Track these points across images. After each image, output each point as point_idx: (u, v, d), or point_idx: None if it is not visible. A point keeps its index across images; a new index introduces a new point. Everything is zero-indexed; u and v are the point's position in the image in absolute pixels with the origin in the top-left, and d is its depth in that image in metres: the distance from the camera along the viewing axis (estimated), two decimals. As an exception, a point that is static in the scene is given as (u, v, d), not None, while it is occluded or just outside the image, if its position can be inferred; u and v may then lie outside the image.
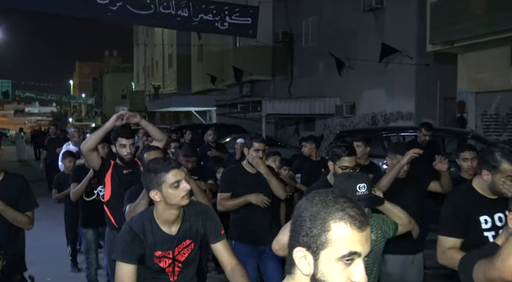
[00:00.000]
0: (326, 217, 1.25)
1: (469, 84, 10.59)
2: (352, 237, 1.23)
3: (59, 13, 9.66)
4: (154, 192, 2.33)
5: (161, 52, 33.76)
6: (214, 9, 10.43)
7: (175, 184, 2.30)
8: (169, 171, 2.31)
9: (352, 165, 3.31)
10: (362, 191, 2.47)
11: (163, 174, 2.31)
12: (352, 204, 1.27)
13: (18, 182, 3.36)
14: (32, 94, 54.16)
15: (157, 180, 2.31)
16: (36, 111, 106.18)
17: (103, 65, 65.59)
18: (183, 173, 2.37)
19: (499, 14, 8.61)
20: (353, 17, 14.17)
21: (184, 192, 2.32)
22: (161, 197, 2.32)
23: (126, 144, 3.84)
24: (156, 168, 2.33)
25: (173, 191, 2.31)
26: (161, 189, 2.31)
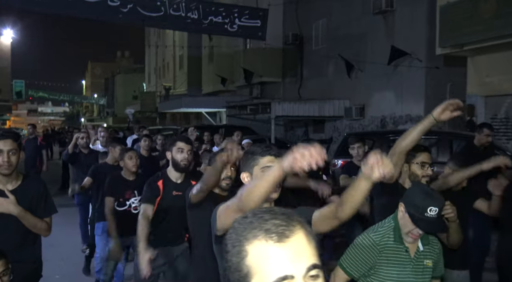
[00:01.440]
0: (241, 240, 1.02)
1: (479, 88, 10.54)
2: (274, 256, 0.97)
3: (70, 14, 9.81)
4: (246, 174, 2.25)
5: (172, 54, 33.97)
6: (224, 12, 10.53)
7: (266, 168, 2.15)
8: (265, 156, 2.22)
9: (429, 161, 3.20)
10: (431, 214, 2.39)
11: (258, 157, 2.22)
12: (270, 215, 1.02)
13: (37, 187, 3.16)
14: (45, 95, 54.77)
15: (250, 162, 2.24)
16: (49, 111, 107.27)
17: (115, 66, 66.13)
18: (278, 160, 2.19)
19: (508, 18, 8.58)
20: (363, 19, 14.17)
21: None
22: (249, 180, 2.22)
23: (184, 148, 3.62)
24: (253, 150, 2.28)
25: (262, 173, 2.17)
26: (252, 171, 2.22)
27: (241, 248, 1.00)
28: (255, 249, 0.99)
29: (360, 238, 2.52)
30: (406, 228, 2.46)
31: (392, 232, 2.51)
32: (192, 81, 29.03)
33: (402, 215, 2.49)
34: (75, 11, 9.30)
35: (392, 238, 2.49)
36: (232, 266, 1.02)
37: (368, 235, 2.51)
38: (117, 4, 9.50)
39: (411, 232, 2.45)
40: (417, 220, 2.40)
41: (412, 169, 3.18)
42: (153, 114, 36.58)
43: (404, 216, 2.47)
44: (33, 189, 3.11)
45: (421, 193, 2.50)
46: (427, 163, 3.19)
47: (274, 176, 1.83)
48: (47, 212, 3.16)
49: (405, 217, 2.46)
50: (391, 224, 2.54)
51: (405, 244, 2.49)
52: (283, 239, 0.98)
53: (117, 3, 9.53)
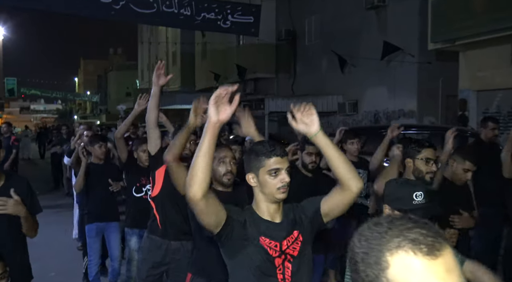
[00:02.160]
0: (380, 249, 0.89)
1: (471, 82, 10.61)
2: (425, 271, 0.85)
3: (62, 12, 9.76)
4: (251, 175, 2.15)
5: (165, 50, 33.85)
6: (217, 8, 10.49)
7: (273, 171, 2.09)
8: (271, 157, 2.10)
9: (434, 157, 3.14)
10: (418, 200, 2.29)
11: (263, 159, 2.10)
12: (412, 224, 0.90)
13: (22, 186, 3.03)
14: (37, 92, 54.43)
15: (256, 163, 2.12)
16: (41, 109, 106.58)
17: (108, 63, 65.80)
18: (287, 163, 2.15)
19: (500, 12, 8.63)
20: (356, 15, 14.20)
21: (281, 183, 2.10)
22: (256, 182, 2.14)
23: None
24: (258, 150, 2.14)
25: (270, 179, 2.10)
26: (258, 174, 2.12)
27: (380, 258, 0.88)
28: (399, 261, 0.86)
29: None
30: None
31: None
32: (185, 78, 28.98)
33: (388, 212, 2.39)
34: (67, 8, 9.23)
35: None
36: (367, 278, 0.89)
37: None
38: (109, 1, 9.45)
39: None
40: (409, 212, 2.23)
41: (417, 165, 3.14)
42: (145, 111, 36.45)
43: None
44: (18, 188, 2.96)
45: (398, 184, 2.43)
46: (432, 159, 3.13)
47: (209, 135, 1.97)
48: (33, 212, 3.08)
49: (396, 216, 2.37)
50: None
51: None
52: (434, 252, 0.85)
53: (109, 0, 9.47)
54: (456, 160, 3.53)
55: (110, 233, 5.04)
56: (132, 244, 4.69)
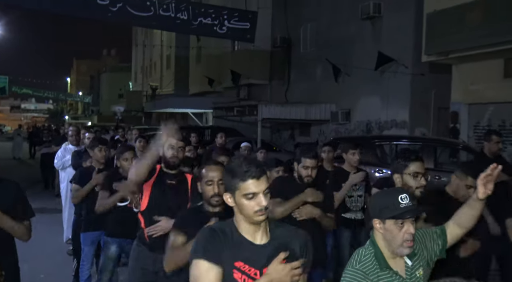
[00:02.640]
0: None
1: (463, 95, 10.72)
2: None
3: (58, 12, 9.75)
4: (227, 196, 2.06)
5: (159, 53, 33.86)
6: (213, 13, 10.55)
7: (249, 195, 1.98)
8: (246, 180, 1.98)
9: (422, 171, 2.99)
10: (406, 202, 2.20)
11: (238, 181, 2.00)
12: None
13: (12, 190, 3.03)
14: (29, 91, 54.02)
15: (231, 184, 2.03)
16: (32, 108, 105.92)
17: (101, 64, 65.61)
18: (265, 184, 2.01)
19: (494, 27, 8.75)
20: (351, 24, 14.31)
21: (258, 207, 1.98)
22: (233, 203, 2.05)
23: (174, 145, 3.52)
24: (233, 171, 2.03)
25: (246, 201, 2.00)
26: (234, 195, 2.03)
27: None
28: None
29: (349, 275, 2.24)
30: (396, 239, 2.21)
31: (376, 260, 2.25)
32: (179, 82, 28.98)
33: (383, 230, 2.25)
34: (63, 9, 9.23)
35: (379, 267, 2.23)
36: None
37: (355, 268, 2.25)
38: (106, 3, 9.46)
39: (405, 238, 2.19)
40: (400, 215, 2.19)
41: (405, 180, 3.00)
42: (138, 113, 36.39)
43: (386, 227, 2.24)
44: (9, 192, 2.98)
45: (380, 195, 2.39)
46: (420, 173, 2.98)
47: None
48: (25, 215, 3.05)
49: (387, 228, 2.23)
50: (371, 251, 2.28)
51: (392, 268, 2.25)
52: None
53: (106, 2, 9.48)
54: (458, 176, 3.29)
55: None
56: (110, 253, 4.40)
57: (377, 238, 2.28)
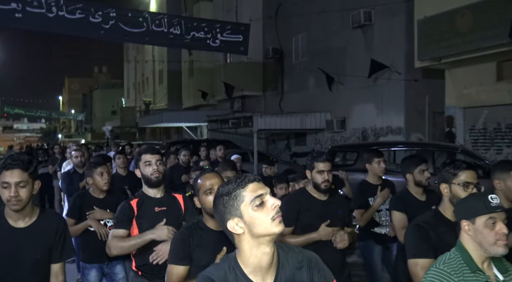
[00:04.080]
0: None
1: (457, 99, 10.79)
2: None
3: (51, 31, 9.74)
4: (234, 222, 1.69)
5: (151, 68, 33.93)
6: (206, 27, 10.59)
7: (257, 200, 1.67)
8: (245, 186, 1.69)
9: (474, 181, 2.70)
10: (496, 202, 2.09)
11: (238, 193, 1.69)
12: None
13: (56, 223, 2.63)
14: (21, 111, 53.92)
15: (232, 203, 1.69)
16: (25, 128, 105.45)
17: (93, 81, 65.64)
18: (265, 186, 1.73)
19: (484, 31, 8.85)
20: (342, 33, 14.41)
21: (273, 211, 1.67)
22: (243, 226, 1.68)
23: (151, 160, 3.22)
24: (227, 189, 1.71)
25: (258, 212, 1.67)
26: (240, 214, 1.68)
27: None
28: None
29: (431, 274, 2.14)
30: (487, 239, 2.09)
31: (465, 264, 2.13)
32: (172, 96, 29.00)
33: (472, 231, 2.12)
34: (57, 28, 9.24)
35: (468, 270, 2.12)
36: None
37: (438, 268, 2.15)
38: (99, 20, 9.48)
39: (497, 236, 2.07)
40: (493, 209, 2.09)
41: (454, 191, 2.68)
42: (132, 129, 36.34)
43: (476, 228, 2.11)
44: (51, 225, 2.60)
45: (469, 198, 2.22)
46: (472, 183, 2.67)
47: None
48: (64, 255, 2.66)
49: (478, 228, 2.11)
50: (458, 257, 2.16)
51: (485, 272, 2.12)
52: None
53: (99, 19, 9.51)
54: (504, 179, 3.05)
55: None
56: (92, 278, 4.15)
57: (465, 242, 2.15)
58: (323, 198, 3.42)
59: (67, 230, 2.67)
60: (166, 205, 3.22)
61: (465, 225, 2.14)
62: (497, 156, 10.17)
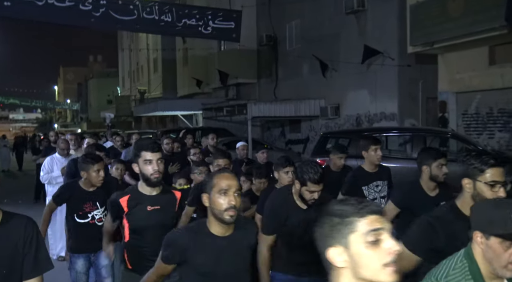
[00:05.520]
0: None
1: (450, 85, 10.80)
2: None
3: (42, 20, 9.67)
4: (336, 251, 1.42)
5: (146, 57, 33.75)
6: (197, 14, 10.53)
7: (372, 235, 1.38)
8: (364, 216, 1.41)
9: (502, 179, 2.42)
10: None
11: (353, 220, 1.41)
12: None
13: (24, 229, 2.05)
14: (16, 101, 53.72)
15: (341, 229, 1.42)
16: (20, 118, 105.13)
17: (88, 71, 65.27)
18: (387, 222, 1.44)
19: (476, 15, 8.82)
20: (335, 19, 14.34)
21: (388, 256, 1.38)
22: (347, 260, 1.41)
23: (152, 159, 3.05)
24: (342, 211, 1.44)
25: (369, 250, 1.38)
26: (347, 244, 1.41)
27: None
28: None
29: None
30: (499, 260, 1.85)
31: (470, 276, 1.90)
32: (167, 84, 28.90)
33: (484, 246, 1.89)
34: (46, 16, 9.16)
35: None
36: None
37: None
38: (89, 8, 9.41)
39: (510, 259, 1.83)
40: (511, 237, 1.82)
41: (478, 189, 2.44)
42: (128, 118, 36.26)
43: (489, 244, 1.87)
44: (17, 232, 2.03)
45: (490, 206, 1.95)
46: (500, 182, 2.40)
47: None
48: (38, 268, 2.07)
49: (491, 245, 1.86)
50: (465, 265, 1.93)
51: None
52: None
53: (89, 7, 9.43)
54: None
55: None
56: (79, 267, 4.17)
57: (475, 252, 1.92)
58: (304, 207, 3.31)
59: (39, 235, 2.11)
60: (160, 203, 3.10)
61: (478, 237, 1.91)
62: (490, 141, 10.21)
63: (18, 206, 11.70)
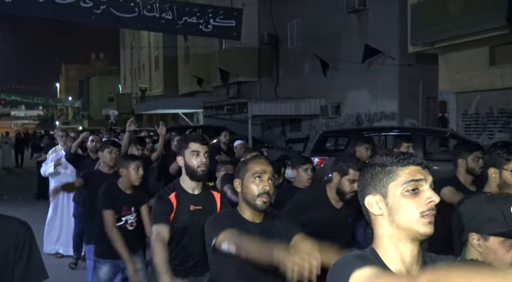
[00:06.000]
0: None
1: (450, 84, 10.79)
2: None
3: (42, 16, 9.68)
4: (374, 199, 1.41)
5: (147, 55, 33.75)
6: (198, 12, 10.52)
7: (411, 185, 1.35)
8: (406, 166, 1.38)
9: None
10: None
11: (394, 169, 1.39)
12: None
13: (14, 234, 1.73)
14: (18, 98, 53.81)
15: (382, 178, 1.40)
16: (22, 115, 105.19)
17: (90, 68, 65.35)
18: (429, 175, 1.40)
19: (477, 16, 8.81)
20: (337, 18, 14.33)
21: (426, 206, 1.34)
22: (383, 208, 1.39)
23: (200, 150, 2.90)
24: (384, 160, 1.42)
25: (407, 199, 1.35)
26: (385, 193, 1.39)
27: None
28: None
29: None
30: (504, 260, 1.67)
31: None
32: (168, 82, 28.91)
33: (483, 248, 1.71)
34: (47, 13, 9.18)
35: None
36: None
37: None
38: (89, 5, 9.42)
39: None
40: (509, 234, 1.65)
41: (504, 177, 2.46)
42: (129, 116, 36.26)
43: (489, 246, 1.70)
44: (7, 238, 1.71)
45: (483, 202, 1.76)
46: None
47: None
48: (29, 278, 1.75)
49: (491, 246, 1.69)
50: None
51: None
52: None
53: (90, 4, 9.44)
54: None
55: None
56: (102, 274, 3.92)
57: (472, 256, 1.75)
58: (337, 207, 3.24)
59: (33, 241, 1.78)
60: (203, 203, 2.92)
61: (475, 239, 1.74)
62: (489, 141, 10.19)
63: (19, 202, 11.73)
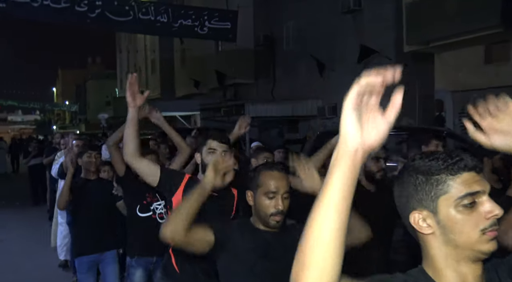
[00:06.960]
0: None
1: (446, 83, 10.80)
2: None
3: (37, 20, 9.67)
4: (420, 216, 1.17)
5: (144, 58, 33.73)
6: (193, 14, 10.53)
7: (467, 199, 1.13)
8: (457, 173, 1.14)
9: None
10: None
11: (443, 179, 1.15)
12: None
13: None
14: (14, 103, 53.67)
15: (428, 190, 1.16)
16: (19, 120, 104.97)
17: (86, 72, 65.20)
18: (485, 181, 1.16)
19: (472, 14, 8.82)
20: (332, 19, 14.34)
21: (487, 221, 1.12)
22: (433, 226, 1.16)
23: (217, 149, 2.81)
24: (429, 166, 1.17)
25: (463, 215, 1.13)
26: (435, 209, 1.15)
27: None
28: None
29: None
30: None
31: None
32: (165, 85, 28.89)
33: None
34: (42, 17, 9.16)
35: None
36: None
37: None
38: (84, 9, 9.41)
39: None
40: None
41: None
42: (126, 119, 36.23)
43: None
44: None
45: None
46: None
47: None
48: None
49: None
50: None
51: None
52: None
53: (85, 8, 9.43)
54: None
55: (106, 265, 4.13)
56: (136, 279, 3.72)
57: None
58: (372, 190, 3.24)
59: None
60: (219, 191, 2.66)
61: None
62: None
63: (15, 207, 11.70)
